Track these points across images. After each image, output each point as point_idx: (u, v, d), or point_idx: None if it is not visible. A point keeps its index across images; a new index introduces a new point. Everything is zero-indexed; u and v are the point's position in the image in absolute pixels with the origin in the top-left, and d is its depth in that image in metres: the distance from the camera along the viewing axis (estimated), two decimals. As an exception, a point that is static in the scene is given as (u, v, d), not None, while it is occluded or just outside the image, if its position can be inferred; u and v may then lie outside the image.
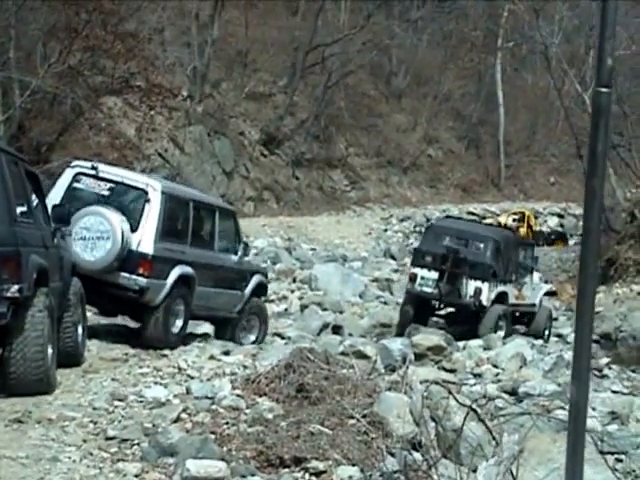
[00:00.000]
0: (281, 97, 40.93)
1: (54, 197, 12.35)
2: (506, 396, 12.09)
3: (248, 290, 14.93)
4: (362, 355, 12.19)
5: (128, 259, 12.22)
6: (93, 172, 12.74)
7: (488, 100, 52.32)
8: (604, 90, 3.48)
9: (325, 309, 21.16)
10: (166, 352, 11.72)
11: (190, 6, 35.66)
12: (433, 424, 7.88)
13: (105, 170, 12.96)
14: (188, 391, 8.97)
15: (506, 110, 51.96)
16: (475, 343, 18.83)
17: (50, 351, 8.82)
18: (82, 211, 12.16)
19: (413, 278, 20.52)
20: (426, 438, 7.54)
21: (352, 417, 7.66)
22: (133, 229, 12.30)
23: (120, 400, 8.62)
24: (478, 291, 20.03)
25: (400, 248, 33.28)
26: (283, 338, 16.56)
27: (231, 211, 15.81)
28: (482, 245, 20.63)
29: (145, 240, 12.35)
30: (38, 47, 21.12)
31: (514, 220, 38.39)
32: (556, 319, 24.06)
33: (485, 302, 20.13)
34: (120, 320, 14.42)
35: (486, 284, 20.18)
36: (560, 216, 44.66)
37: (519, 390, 12.81)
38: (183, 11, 36.04)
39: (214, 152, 34.24)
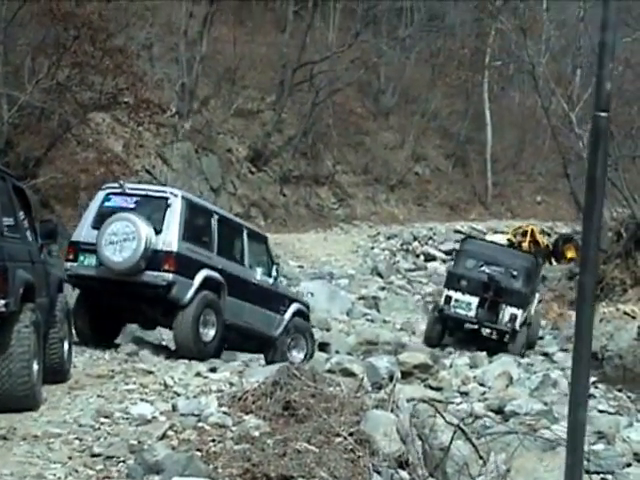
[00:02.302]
0: (269, 114, 40.96)
1: (87, 217, 13.84)
2: (492, 415, 12.09)
3: (288, 315, 15.52)
4: (349, 373, 12.20)
5: (154, 258, 13.08)
6: (120, 190, 13.78)
7: (475, 118, 52.48)
8: (603, 114, 3.48)
9: (312, 326, 21.14)
10: (152, 369, 11.67)
11: (179, 23, 35.70)
12: (420, 442, 7.87)
13: (130, 187, 14.08)
14: (174, 408, 8.92)
15: (493, 128, 52.11)
16: (462, 361, 18.88)
17: (36, 367, 8.77)
18: (108, 220, 13.18)
19: (448, 300, 21.87)
20: (413, 456, 7.52)
21: (339, 435, 7.64)
22: (157, 232, 13.15)
23: (106, 417, 8.57)
24: (514, 317, 21.69)
25: (387, 266, 33.27)
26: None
27: (262, 235, 16.37)
28: (517, 273, 22.36)
29: (169, 239, 13.19)
30: (26, 62, 21.10)
31: (522, 234, 38.69)
32: (542, 338, 24.14)
33: (518, 327, 21.70)
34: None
35: (520, 310, 21.79)
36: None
37: (505, 409, 12.83)
38: (171, 28, 36.08)
39: (201, 168, 34.23)
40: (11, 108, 19.80)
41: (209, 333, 13.56)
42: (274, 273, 15.43)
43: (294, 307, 15.80)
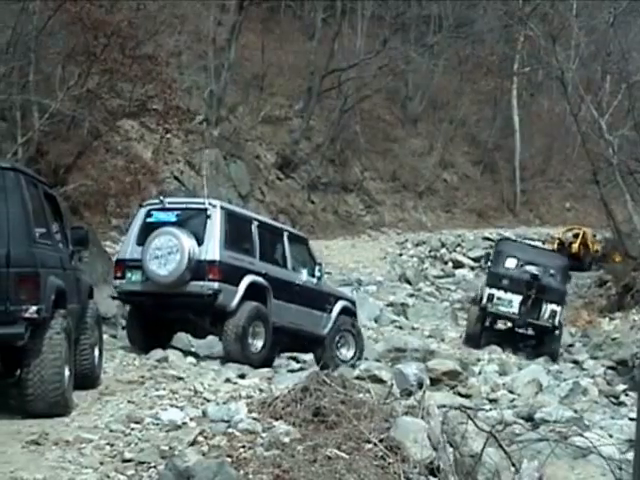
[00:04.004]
0: (297, 121, 41.03)
1: (131, 235, 14.31)
2: (522, 422, 12.01)
3: (335, 313, 15.87)
4: (377, 379, 12.18)
5: (198, 268, 13.50)
6: (160, 205, 14.21)
7: (504, 125, 52.32)
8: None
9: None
10: (182, 375, 11.72)
11: (207, 31, 35.85)
12: (451, 449, 7.83)
13: (170, 201, 14.57)
14: (204, 414, 8.94)
15: (522, 135, 51.90)
16: (491, 368, 18.81)
17: (67, 373, 8.82)
18: (152, 235, 13.62)
19: (490, 298, 22.94)
20: (444, 463, 7.49)
21: (369, 441, 7.62)
22: (200, 243, 13.54)
23: (136, 422, 8.59)
24: (554, 314, 22.76)
25: (415, 273, 33.19)
26: (298, 362, 16.53)
27: (302, 237, 16.79)
28: (554, 272, 23.55)
29: (211, 249, 13.61)
30: (57, 71, 21.19)
31: (573, 236, 38.66)
32: (572, 345, 24.02)
33: (557, 323, 22.83)
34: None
35: (559, 307, 22.98)
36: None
37: (535, 416, 12.74)
38: (200, 35, 36.22)
39: (230, 175, 34.30)
40: (42, 116, 19.92)
41: (257, 344, 13.93)
42: (317, 273, 15.70)
43: (340, 304, 16.09)
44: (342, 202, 41.51)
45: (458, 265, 36.30)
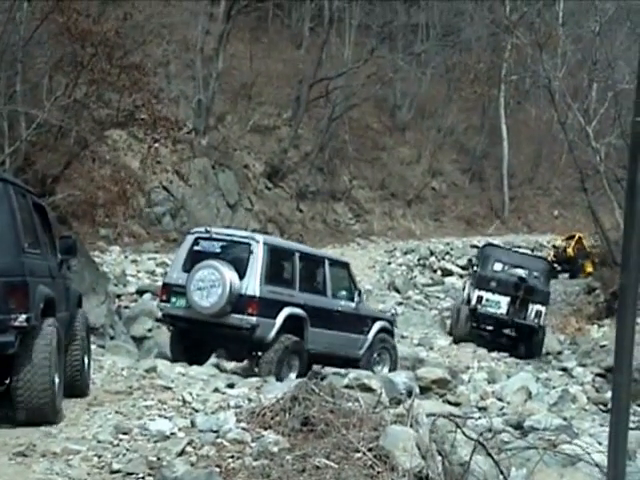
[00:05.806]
0: (285, 130, 41.07)
1: (178, 260, 15.12)
2: (511, 430, 12.02)
3: (371, 334, 16.41)
4: (367, 388, 12.16)
5: (238, 302, 14.14)
6: (207, 235, 14.90)
7: (492, 133, 52.47)
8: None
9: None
10: (170, 385, 11.67)
11: (195, 40, 35.87)
12: (440, 458, 7.82)
13: (216, 232, 15.26)
14: (193, 424, 8.90)
15: (510, 143, 52.06)
16: (480, 376, 18.82)
17: (57, 381, 8.80)
18: (196, 267, 14.31)
19: (479, 300, 23.97)
20: (433, 472, 7.48)
21: (358, 451, 7.61)
22: (241, 277, 14.20)
23: (124, 433, 8.55)
24: (539, 314, 23.87)
25: (404, 281, 33.21)
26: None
27: (343, 263, 17.29)
28: (538, 274, 24.59)
29: (252, 284, 14.23)
30: (44, 80, 21.18)
31: (567, 239, 38.94)
32: (561, 352, 24.08)
33: (542, 323, 23.98)
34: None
35: (544, 308, 24.07)
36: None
37: (524, 424, 12.76)
38: (188, 45, 36.25)
39: (218, 185, 34.31)
40: (29, 126, 19.90)
41: (292, 376, 14.25)
42: (357, 298, 16.21)
43: (377, 326, 16.58)
44: (331, 211, 41.55)
45: (447, 273, 36.34)
